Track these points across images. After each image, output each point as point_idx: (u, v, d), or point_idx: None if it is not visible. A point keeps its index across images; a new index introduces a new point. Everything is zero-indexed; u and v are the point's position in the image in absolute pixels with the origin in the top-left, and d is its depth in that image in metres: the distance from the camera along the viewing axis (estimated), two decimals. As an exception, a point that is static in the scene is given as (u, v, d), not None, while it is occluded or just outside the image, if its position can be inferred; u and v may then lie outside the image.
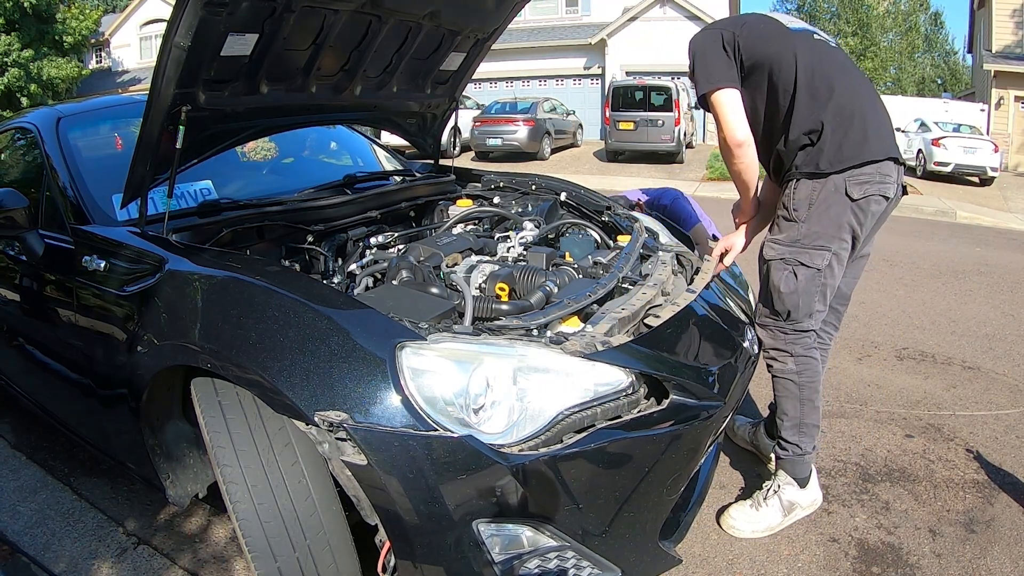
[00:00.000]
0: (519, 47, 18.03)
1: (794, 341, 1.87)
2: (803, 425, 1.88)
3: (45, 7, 18.62)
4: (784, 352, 1.89)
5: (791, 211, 1.82)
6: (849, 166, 1.75)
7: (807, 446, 1.90)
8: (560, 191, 2.68)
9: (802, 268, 1.81)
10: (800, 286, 1.81)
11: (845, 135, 1.75)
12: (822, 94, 1.77)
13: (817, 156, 1.77)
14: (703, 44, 1.88)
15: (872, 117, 1.80)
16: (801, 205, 1.80)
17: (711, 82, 1.82)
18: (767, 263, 1.88)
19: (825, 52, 1.84)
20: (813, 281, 1.81)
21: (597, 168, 13.23)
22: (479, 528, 1.23)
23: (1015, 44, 16.34)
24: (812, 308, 1.85)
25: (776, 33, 1.85)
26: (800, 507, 1.93)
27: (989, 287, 4.82)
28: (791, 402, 1.89)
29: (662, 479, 1.38)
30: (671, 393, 1.40)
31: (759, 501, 1.94)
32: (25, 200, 1.88)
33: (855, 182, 1.75)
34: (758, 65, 1.83)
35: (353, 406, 1.21)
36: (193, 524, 1.97)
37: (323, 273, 1.94)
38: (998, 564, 1.80)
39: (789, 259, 1.82)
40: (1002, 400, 2.84)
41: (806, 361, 1.87)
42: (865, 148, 1.75)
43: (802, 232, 1.80)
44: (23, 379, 2.29)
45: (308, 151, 3.02)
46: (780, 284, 1.83)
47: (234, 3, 1.60)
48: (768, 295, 1.88)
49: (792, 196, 1.82)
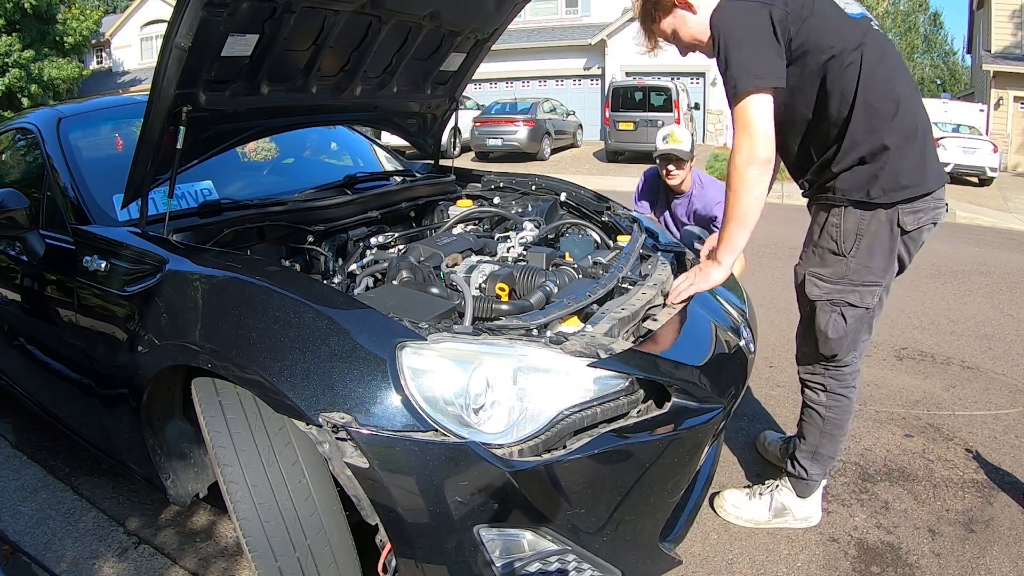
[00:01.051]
0: (519, 48, 18.04)
1: (833, 377, 1.77)
2: (818, 455, 1.85)
3: (46, 8, 18.64)
4: (820, 386, 1.81)
5: (839, 244, 1.59)
6: (906, 198, 1.53)
7: (816, 474, 1.87)
8: (560, 191, 2.69)
9: (851, 309, 1.63)
10: (850, 328, 1.65)
11: (902, 160, 1.51)
12: (886, 107, 1.50)
13: (870, 182, 1.53)
14: (743, 20, 1.46)
15: (931, 138, 1.57)
16: (849, 237, 1.58)
17: (756, 76, 1.43)
18: (811, 303, 1.68)
19: (887, 51, 1.54)
20: (862, 320, 1.65)
21: (597, 168, 13.23)
22: (480, 532, 1.23)
23: (1014, 45, 16.35)
24: (858, 344, 1.70)
25: (835, 18, 1.50)
26: (791, 515, 1.93)
27: (988, 287, 4.83)
28: (812, 430, 1.84)
29: (663, 482, 1.39)
30: (673, 396, 1.40)
31: (755, 493, 1.96)
32: (26, 200, 1.89)
33: (909, 211, 1.55)
34: (811, 54, 1.49)
35: (353, 406, 1.21)
36: (194, 524, 1.97)
37: (324, 273, 1.95)
38: (997, 564, 1.80)
39: (837, 300, 1.63)
40: (1001, 400, 2.84)
41: (839, 399, 1.79)
42: (924, 176, 1.53)
43: (850, 268, 1.60)
44: (24, 379, 2.29)
45: (309, 151, 3.02)
46: (827, 329, 1.66)
47: (235, 4, 1.60)
48: (812, 336, 1.72)
49: (839, 226, 1.59)
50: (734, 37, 1.46)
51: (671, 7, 1.63)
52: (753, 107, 1.45)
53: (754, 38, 1.45)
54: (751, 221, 1.57)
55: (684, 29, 1.65)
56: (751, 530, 1.94)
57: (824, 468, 1.88)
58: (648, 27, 1.70)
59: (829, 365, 1.77)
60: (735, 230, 1.59)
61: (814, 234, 1.67)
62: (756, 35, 1.45)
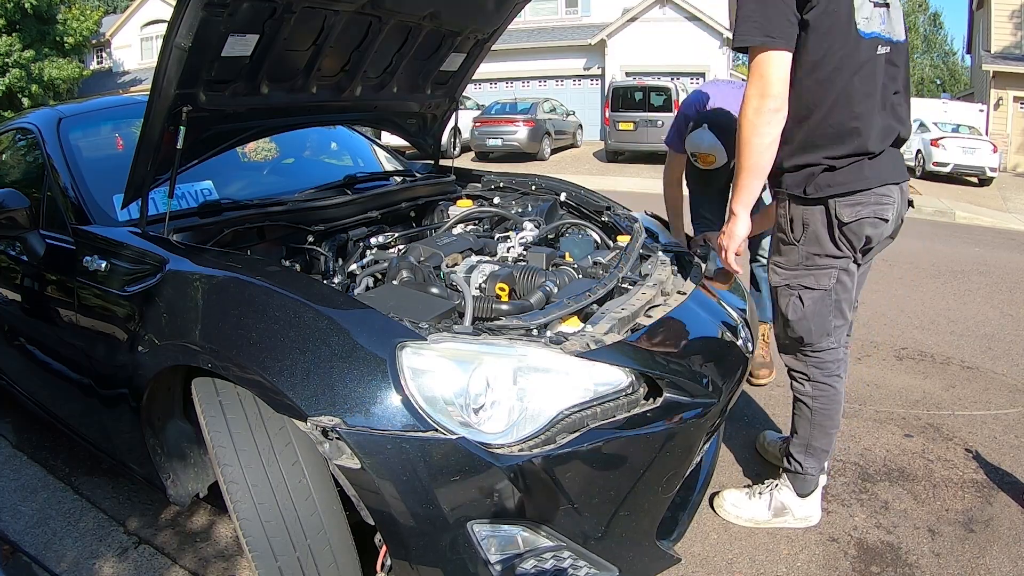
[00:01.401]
0: (519, 48, 18.05)
1: (815, 364, 1.81)
2: (810, 447, 1.87)
3: (46, 8, 18.64)
4: (803, 375, 1.85)
5: (787, 233, 1.71)
6: (839, 193, 1.61)
7: (811, 468, 1.89)
8: (560, 191, 2.69)
9: (808, 292, 1.71)
10: (808, 311, 1.72)
11: (841, 172, 1.59)
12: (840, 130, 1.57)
13: (806, 181, 1.63)
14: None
15: (889, 150, 1.62)
16: (796, 226, 1.68)
17: (767, 34, 1.49)
18: (774, 289, 1.79)
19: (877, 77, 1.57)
20: (823, 302, 1.71)
21: (597, 168, 13.23)
22: (474, 529, 1.23)
23: (1014, 45, 16.36)
24: (828, 328, 1.75)
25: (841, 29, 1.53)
26: (791, 515, 1.93)
27: (988, 287, 4.83)
28: (802, 423, 1.87)
29: (657, 477, 1.39)
30: (664, 391, 1.40)
31: (754, 492, 1.97)
32: (26, 200, 1.89)
33: (846, 204, 1.62)
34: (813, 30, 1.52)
35: (353, 406, 1.21)
36: (194, 523, 1.97)
37: (324, 273, 1.95)
38: (997, 563, 1.80)
39: (793, 284, 1.73)
40: (1001, 400, 2.84)
41: (823, 388, 1.82)
42: (863, 176, 1.60)
43: (801, 254, 1.69)
44: (25, 379, 2.29)
45: (309, 152, 3.02)
46: (787, 312, 1.75)
47: (235, 4, 1.61)
48: (778, 321, 1.81)
49: (786, 216, 1.70)
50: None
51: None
52: (768, 62, 1.52)
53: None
54: (763, 170, 1.63)
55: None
56: (751, 530, 1.94)
57: (819, 462, 1.89)
58: None
59: (807, 351, 1.80)
60: (748, 179, 1.65)
61: (774, 226, 1.78)
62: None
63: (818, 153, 1.61)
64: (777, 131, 1.57)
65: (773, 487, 1.95)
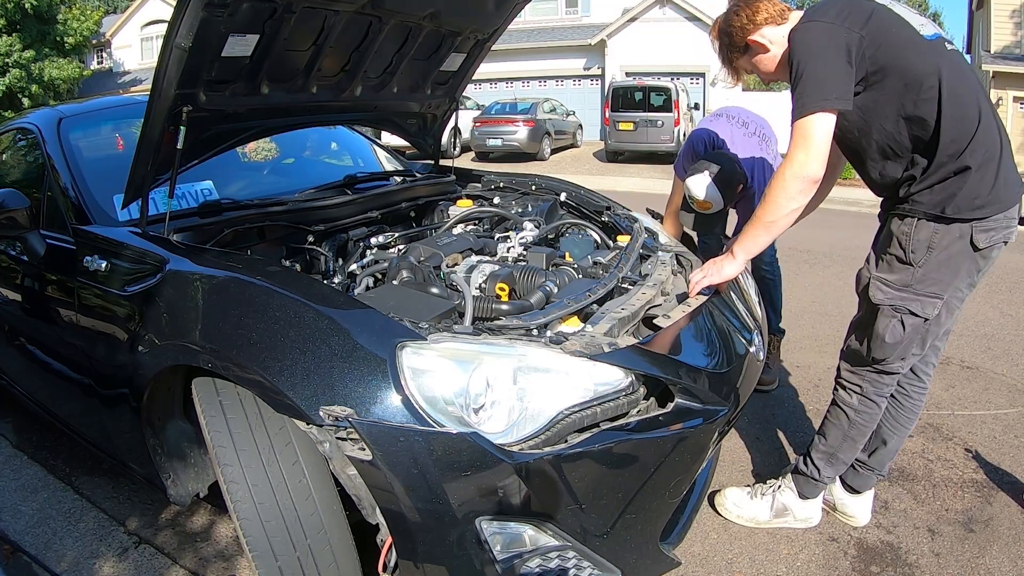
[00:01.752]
0: (519, 48, 18.05)
1: (872, 381, 1.76)
2: (835, 457, 1.85)
3: (46, 8, 18.64)
4: (855, 386, 1.79)
5: (907, 252, 1.60)
6: (981, 216, 1.54)
7: (826, 476, 1.87)
8: (560, 191, 2.69)
9: (910, 317, 1.63)
10: (906, 336, 1.65)
11: (982, 180, 1.52)
12: (967, 128, 1.51)
13: (947, 200, 1.53)
14: (820, 41, 1.51)
15: (1008, 154, 1.57)
16: (920, 247, 1.58)
17: (824, 97, 1.48)
18: (874, 307, 1.68)
19: (964, 71, 1.56)
20: (918, 330, 1.65)
21: (597, 168, 13.24)
22: (481, 526, 1.23)
23: (1013, 45, 16.36)
24: (906, 354, 1.70)
25: (912, 42, 1.53)
26: (792, 516, 1.93)
27: (988, 287, 4.83)
28: (835, 431, 1.83)
29: (665, 482, 1.39)
30: (676, 396, 1.40)
31: (756, 492, 1.96)
32: (27, 200, 1.89)
33: (982, 229, 1.55)
34: (889, 78, 1.52)
35: (354, 405, 1.21)
36: (194, 523, 1.98)
37: (324, 273, 1.95)
38: (996, 563, 1.80)
39: (900, 307, 1.63)
40: (1000, 400, 2.84)
41: (870, 404, 1.78)
42: (1000, 194, 1.54)
43: (916, 277, 1.60)
44: (25, 379, 2.29)
45: (309, 152, 3.03)
46: (885, 334, 1.66)
47: (235, 4, 1.61)
48: (868, 337, 1.71)
49: (910, 236, 1.59)
50: (810, 57, 1.50)
51: (745, 47, 1.73)
52: (817, 125, 1.49)
53: (828, 59, 1.49)
54: (778, 230, 1.64)
55: (761, 65, 1.75)
56: (751, 530, 1.94)
57: (836, 472, 1.88)
58: (729, 66, 1.81)
59: (874, 369, 1.75)
60: (760, 233, 1.65)
61: (885, 241, 1.68)
62: (831, 56, 1.49)
63: (957, 161, 1.52)
64: (805, 201, 1.56)
65: (776, 488, 1.95)
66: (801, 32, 1.55)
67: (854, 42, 1.49)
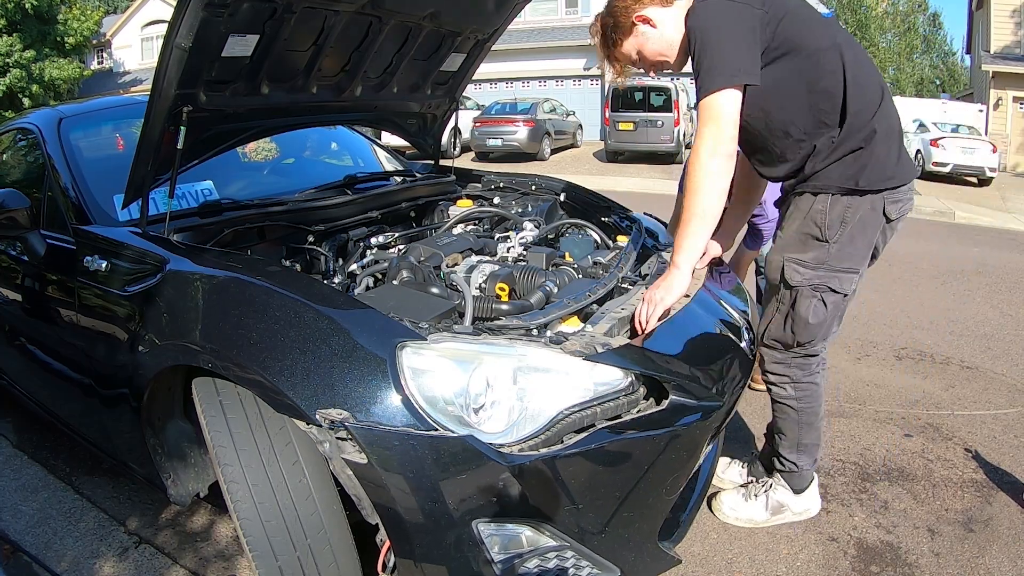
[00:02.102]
0: (519, 48, 18.05)
1: (800, 366, 1.77)
2: (801, 445, 1.86)
3: (47, 8, 18.65)
4: (785, 378, 1.80)
5: (824, 229, 1.60)
6: (891, 186, 1.57)
7: (805, 464, 1.89)
8: (560, 191, 2.69)
9: (831, 295, 1.63)
10: (828, 314, 1.65)
11: (889, 152, 1.56)
12: (873, 97, 1.54)
13: (859, 171, 1.55)
14: (721, 17, 1.47)
15: (902, 137, 1.64)
16: (834, 223, 1.59)
17: (730, 73, 1.44)
18: (793, 288, 1.66)
19: (861, 49, 1.60)
20: (838, 307, 1.66)
21: (597, 169, 13.24)
22: (479, 527, 1.23)
23: (1013, 45, 16.37)
24: (829, 333, 1.71)
25: (812, 18, 1.53)
26: (790, 511, 1.93)
27: (987, 287, 4.83)
28: (789, 424, 1.84)
29: (662, 479, 1.39)
30: (671, 393, 1.41)
31: (750, 493, 1.96)
32: (27, 200, 1.89)
33: (892, 200, 1.58)
34: (791, 53, 1.50)
35: (354, 405, 1.21)
36: (195, 523, 1.98)
37: (324, 273, 1.95)
38: (996, 563, 1.80)
39: (819, 285, 1.63)
40: (1000, 399, 2.84)
41: (807, 387, 1.79)
42: (902, 168, 1.59)
43: (831, 253, 1.60)
44: (25, 379, 2.30)
45: (309, 152, 3.03)
46: (808, 315, 1.65)
47: (235, 4, 1.61)
48: (791, 322, 1.70)
49: (826, 212, 1.59)
50: (711, 34, 1.46)
51: (631, 27, 1.65)
52: (723, 101, 1.45)
53: (731, 35, 1.46)
54: (712, 219, 1.54)
55: (647, 47, 1.68)
56: (750, 530, 1.94)
57: (811, 456, 1.89)
58: (610, 53, 1.73)
59: (798, 354, 1.75)
60: (696, 228, 1.53)
61: (795, 221, 1.65)
62: (734, 32, 1.46)
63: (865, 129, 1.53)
64: (729, 178, 1.51)
65: (768, 487, 1.95)
66: (700, 11, 1.50)
67: (756, 18, 1.46)
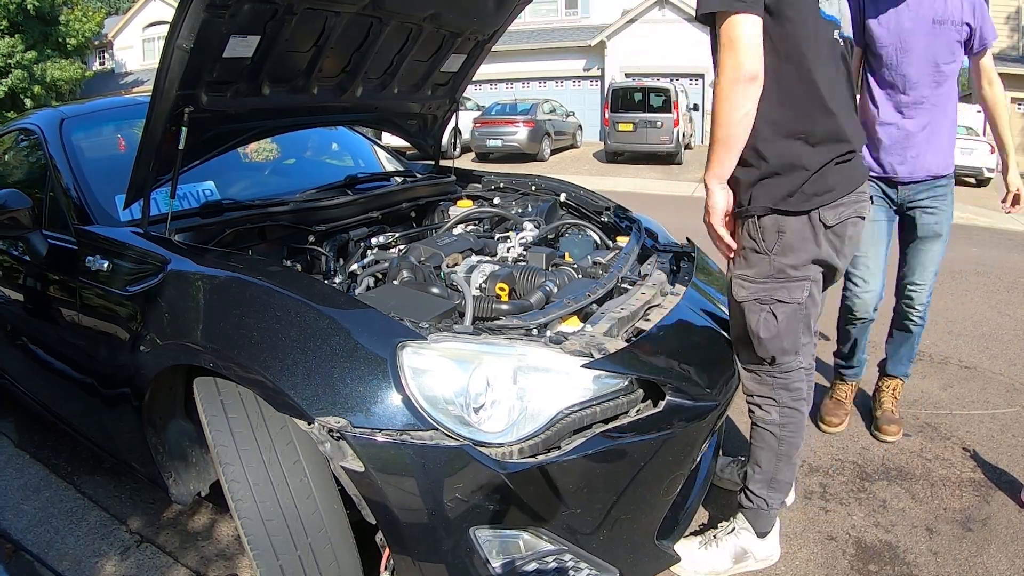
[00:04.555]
0: (519, 49, 18.07)
1: (783, 387, 1.65)
2: (775, 481, 1.70)
3: (48, 9, 18.68)
4: (769, 400, 1.67)
5: (758, 242, 1.54)
6: (823, 204, 1.49)
7: (774, 502, 1.72)
8: (560, 192, 2.70)
9: (780, 306, 1.56)
10: (781, 327, 1.57)
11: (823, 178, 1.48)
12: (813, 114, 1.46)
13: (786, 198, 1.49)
14: None
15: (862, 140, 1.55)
16: (769, 235, 1.53)
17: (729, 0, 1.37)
18: (739, 304, 1.61)
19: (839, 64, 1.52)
20: (794, 317, 1.57)
21: (596, 169, 13.24)
22: (476, 534, 1.24)
23: (1010, 47, 16.37)
24: (797, 346, 1.62)
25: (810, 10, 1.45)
26: (753, 558, 1.75)
27: (986, 287, 4.84)
28: (767, 455, 1.70)
29: (659, 480, 1.40)
30: (667, 395, 1.41)
31: (711, 539, 1.76)
32: (29, 201, 1.90)
33: (828, 208, 1.50)
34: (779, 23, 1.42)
35: (354, 405, 1.22)
36: (196, 522, 1.98)
37: (325, 273, 1.96)
38: (994, 562, 1.81)
39: (765, 299, 1.57)
40: (998, 399, 2.85)
41: (791, 414, 1.66)
42: (843, 181, 1.50)
43: (774, 266, 1.54)
44: (27, 379, 2.30)
45: (310, 152, 3.03)
46: (759, 330, 1.59)
47: (236, 5, 1.62)
48: (746, 340, 1.64)
49: (757, 225, 1.54)
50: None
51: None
52: (741, 23, 1.38)
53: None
54: (738, 143, 1.48)
55: None
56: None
57: (782, 495, 1.73)
58: None
59: (774, 373, 1.65)
60: (722, 153, 1.50)
61: (739, 238, 1.61)
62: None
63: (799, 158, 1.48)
64: (754, 104, 1.44)
65: (730, 532, 1.76)
66: None
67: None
